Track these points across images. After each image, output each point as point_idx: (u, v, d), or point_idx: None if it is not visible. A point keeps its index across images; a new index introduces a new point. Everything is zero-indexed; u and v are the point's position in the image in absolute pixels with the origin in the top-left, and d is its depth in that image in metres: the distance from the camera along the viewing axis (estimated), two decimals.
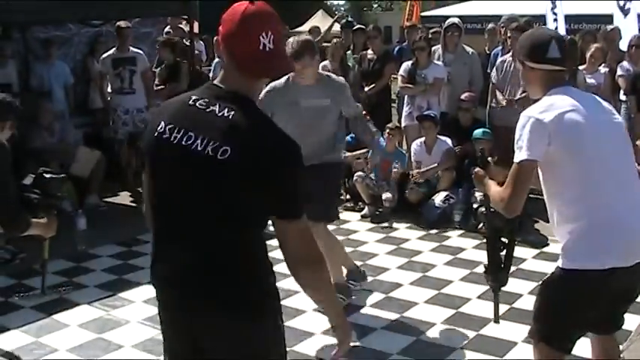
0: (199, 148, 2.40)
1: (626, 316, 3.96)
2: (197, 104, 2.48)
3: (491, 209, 3.80)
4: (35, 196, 4.38)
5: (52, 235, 4.56)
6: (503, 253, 3.87)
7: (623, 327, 3.80)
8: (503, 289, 5.84)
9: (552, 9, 11.13)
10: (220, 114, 2.41)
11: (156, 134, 2.52)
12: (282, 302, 2.73)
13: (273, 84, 5.28)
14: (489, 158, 3.90)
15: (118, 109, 9.18)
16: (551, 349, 3.45)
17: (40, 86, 9.41)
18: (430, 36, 10.48)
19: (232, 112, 2.41)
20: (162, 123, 2.52)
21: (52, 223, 4.46)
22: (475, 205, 7.71)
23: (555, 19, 10.99)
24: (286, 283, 2.91)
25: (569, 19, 11.42)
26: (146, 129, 2.63)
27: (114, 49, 9.30)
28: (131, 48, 9.37)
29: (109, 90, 9.43)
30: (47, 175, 4.52)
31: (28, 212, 4.24)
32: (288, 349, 2.77)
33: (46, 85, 9.40)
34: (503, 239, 3.84)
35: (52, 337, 5.23)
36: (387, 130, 8.70)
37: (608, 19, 11.06)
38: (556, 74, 3.42)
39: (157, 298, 2.70)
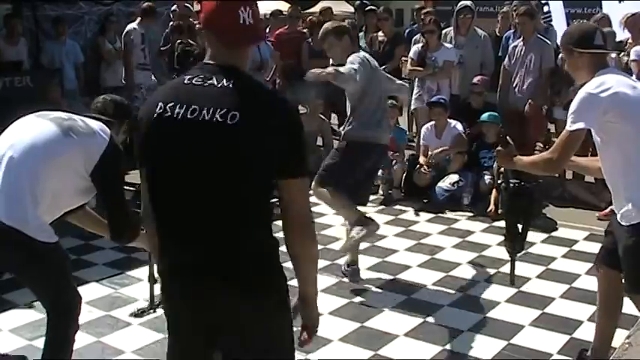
0: (207, 117, 2.42)
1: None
2: (193, 81, 2.51)
3: (512, 184, 4.51)
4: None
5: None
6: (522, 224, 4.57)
7: (630, 312, 3.92)
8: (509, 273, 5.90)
9: None
10: (219, 85, 2.47)
11: (155, 116, 2.51)
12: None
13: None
14: (508, 138, 4.28)
15: (142, 86, 9.21)
16: None
17: (51, 64, 9.43)
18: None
19: (231, 82, 2.47)
20: (161, 104, 2.52)
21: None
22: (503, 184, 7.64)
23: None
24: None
25: (568, 4, 11.23)
26: (140, 117, 2.61)
27: (134, 23, 9.30)
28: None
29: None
30: None
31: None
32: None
33: (57, 63, 9.41)
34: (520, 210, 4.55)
35: None
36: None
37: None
38: (601, 58, 3.92)
39: (166, 278, 2.69)
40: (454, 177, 8.06)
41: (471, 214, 7.69)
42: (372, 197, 8.32)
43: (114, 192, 3.86)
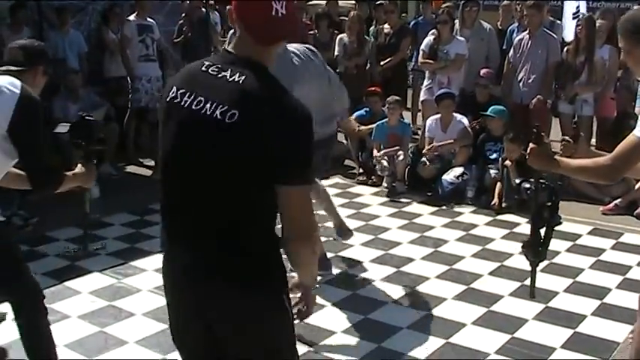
0: (208, 112, 2.39)
1: (615, 325, 3.90)
2: (209, 70, 2.47)
3: (541, 185, 3.78)
4: (78, 141, 4.03)
5: (92, 183, 4.17)
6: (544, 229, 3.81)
7: (633, 307, 3.80)
8: (514, 266, 5.90)
9: None
10: (231, 79, 2.41)
11: (168, 99, 2.52)
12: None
13: None
14: (542, 134, 3.66)
15: (143, 77, 9.21)
16: None
17: (55, 54, 9.38)
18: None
19: (243, 77, 2.40)
20: (175, 88, 2.52)
21: (91, 171, 4.00)
22: (517, 181, 7.58)
23: None
24: None
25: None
26: (160, 96, 2.62)
27: (133, 15, 9.32)
28: (148, 17, 9.46)
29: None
30: (90, 119, 4.18)
31: (61, 165, 3.86)
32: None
33: (61, 53, 9.38)
34: (545, 215, 3.82)
35: (63, 303, 5.25)
36: (387, 105, 8.64)
37: None
38: None
39: (164, 270, 2.68)
40: (459, 170, 8.04)
41: (475, 208, 7.67)
42: (375, 189, 8.37)
43: (32, 144, 3.60)
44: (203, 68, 2.49)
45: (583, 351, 4.59)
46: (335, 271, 5.89)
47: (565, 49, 8.68)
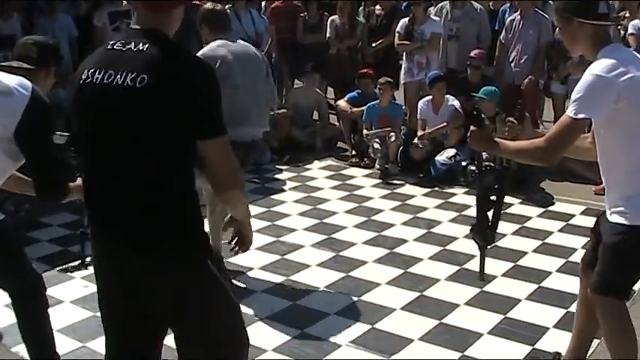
0: (120, 82, 2.49)
1: None
2: (114, 47, 2.58)
3: (484, 167, 3.79)
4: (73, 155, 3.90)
5: None
6: (491, 212, 3.80)
7: None
8: (508, 247, 5.92)
9: None
10: (136, 49, 2.52)
11: (80, 82, 2.61)
12: (293, 277, 2.77)
13: None
14: (483, 114, 3.76)
15: None
16: (619, 300, 3.54)
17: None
18: None
19: (147, 45, 2.52)
20: (86, 70, 2.61)
21: None
22: (464, 163, 7.71)
23: None
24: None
25: None
26: (71, 82, 2.71)
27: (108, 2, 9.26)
28: (125, 1, 9.30)
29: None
30: None
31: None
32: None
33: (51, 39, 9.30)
34: (492, 198, 3.79)
35: (56, 288, 5.22)
36: (378, 86, 8.64)
37: None
38: (604, 30, 3.42)
39: (92, 247, 2.81)
40: (451, 151, 8.04)
41: (468, 189, 7.67)
42: (368, 171, 8.37)
43: (41, 150, 3.37)
44: (109, 47, 2.62)
45: None
46: (327, 253, 5.88)
47: (557, 29, 8.66)
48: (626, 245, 3.40)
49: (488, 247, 3.95)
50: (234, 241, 2.94)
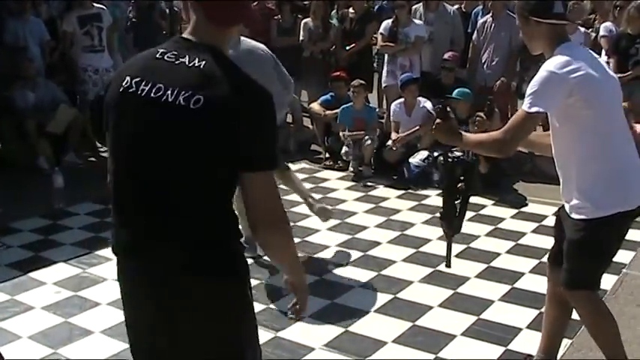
0: (170, 99, 2.28)
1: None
2: (165, 57, 2.37)
3: (450, 159, 4.01)
4: None
5: None
6: (459, 201, 4.00)
7: (574, 317, 3.94)
8: (481, 248, 5.94)
9: None
10: (191, 64, 2.31)
11: (121, 89, 2.38)
12: (267, 280, 2.71)
13: None
14: (448, 109, 3.89)
15: (89, 68, 9.00)
16: (592, 291, 3.71)
17: (15, 42, 9.18)
18: None
19: (203, 62, 2.31)
20: (128, 78, 2.39)
21: None
22: (435, 154, 7.76)
23: None
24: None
25: None
26: (108, 87, 2.48)
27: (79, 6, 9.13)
28: (94, 4, 9.16)
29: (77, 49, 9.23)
30: None
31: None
32: None
33: (21, 42, 9.17)
34: (460, 188, 3.96)
35: (27, 294, 5.19)
36: (352, 88, 8.65)
37: None
38: (560, 29, 3.54)
39: (118, 270, 2.60)
40: (424, 153, 8.07)
41: (441, 190, 7.68)
42: (342, 174, 8.37)
43: None
44: (158, 56, 2.39)
45: None
46: (299, 255, 5.86)
47: None
48: (589, 239, 3.55)
49: (454, 235, 4.12)
50: (291, 306, 2.72)
